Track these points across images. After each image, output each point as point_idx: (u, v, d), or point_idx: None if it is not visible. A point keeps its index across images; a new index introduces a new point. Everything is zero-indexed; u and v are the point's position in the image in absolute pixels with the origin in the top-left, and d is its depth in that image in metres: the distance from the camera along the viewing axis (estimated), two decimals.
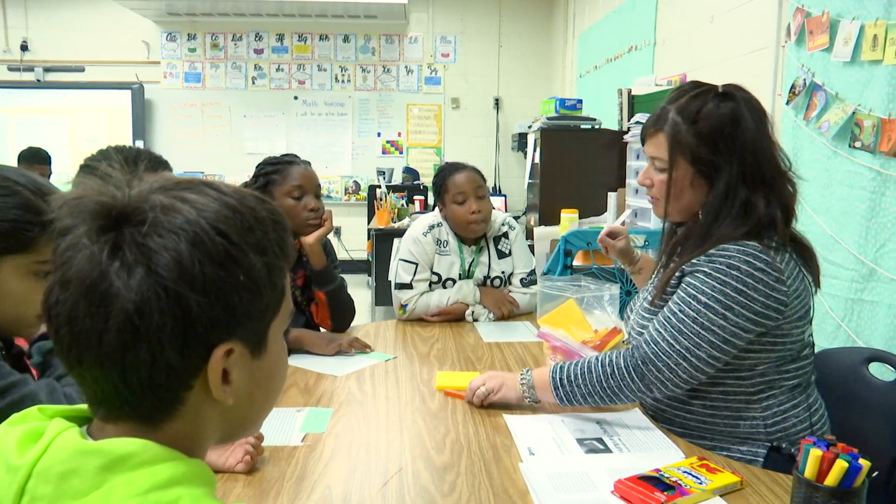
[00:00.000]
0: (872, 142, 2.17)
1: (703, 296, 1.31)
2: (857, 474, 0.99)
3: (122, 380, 0.58)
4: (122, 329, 0.57)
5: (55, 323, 0.59)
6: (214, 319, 0.59)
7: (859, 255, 2.22)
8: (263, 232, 0.64)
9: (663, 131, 1.41)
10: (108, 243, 0.58)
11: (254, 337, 0.64)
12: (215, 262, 0.59)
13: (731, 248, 1.32)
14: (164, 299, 0.57)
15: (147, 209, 0.59)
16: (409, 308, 2.34)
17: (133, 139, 7.00)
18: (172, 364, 0.59)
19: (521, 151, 6.79)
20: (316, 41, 7.28)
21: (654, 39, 4.26)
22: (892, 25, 2.09)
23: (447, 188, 2.35)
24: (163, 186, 0.62)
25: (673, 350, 1.32)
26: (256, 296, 0.63)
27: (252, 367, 0.65)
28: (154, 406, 0.61)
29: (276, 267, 0.65)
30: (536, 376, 1.48)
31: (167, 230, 0.58)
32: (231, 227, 0.61)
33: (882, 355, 1.57)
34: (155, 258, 0.57)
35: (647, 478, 1.15)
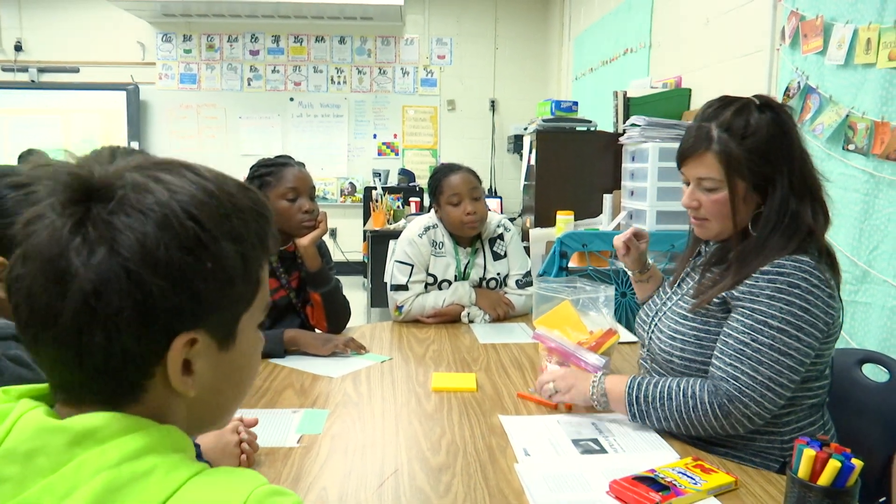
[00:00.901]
0: (866, 144, 2.19)
1: (773, 321, 1.28)
2: (849, 474, 0.99)
3: (78, 363, 0.56)
4: (78, 310, 0.54)
5: (15, 298, 0.57)
6: (178, 307, 0.57)
7: (853, 257, 2.23)
8: (241, 220, 0.61)
9: (711, 150, 1.37)
10: (73, 217, 0.55)
11: (222, 328, 0.62)
12: (183, 247, 0.56)
13: (787, 264, 1.30)
14: (125, 281, 0.54)
15: (118, 186, 0.57)
16: (404, 309, 2.34)
17: (128, 140, 6.99)
18: (129, 350, 0.56)
19: (516, 153, 6.80)
20: (312, 43, 7.28)
21: (649, 42, 4.27)
22: (885, 29, 2.11)
23: (442, 189, 2.35)
24: (140, 165, 0.60)
25: (756, 382, 1.28)
26: (227, 285, 0.60)
27: (219, 360, 0.62)
28: (114, 391, 0.58)
29: (252, 258, 0.62)
30: (610, 386, 1.43)
31: (135, 209, 0.56)
32: (205, 212, 0.58)
33: (875, 356, 1.58)
34: (119, 238, 0.54)
35: (642, 478, 1.15)
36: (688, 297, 1.49)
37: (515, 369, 1.85)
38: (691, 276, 1.54)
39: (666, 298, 1.58)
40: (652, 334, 1.55)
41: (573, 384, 1.48)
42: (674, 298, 1.55)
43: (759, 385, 1.28)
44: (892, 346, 2.05)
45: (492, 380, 1.76)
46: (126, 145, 6.69)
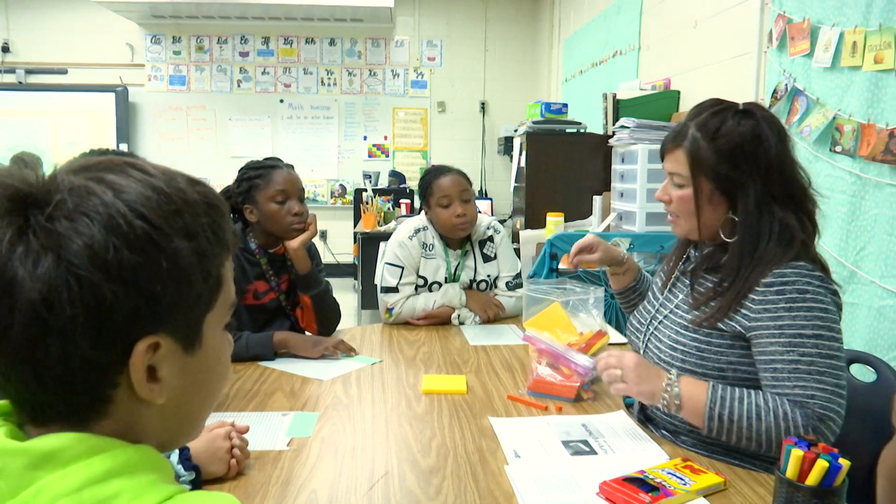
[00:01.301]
0: (852, 146, 2.20)
1: (806, 330, 1.28)
2: (837, 474, 1.00)
3: (36, 378, 0.53)
4: (28, 322, 0.51)
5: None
6: (135, 310, 0.54)
7: (840, 258, 2.25)
8: (193, 216, 0.59)
9: (682, 147, 1.40)
10: (11, 227, 0.52)
11: (185, 330, 0.59)
12: (133, 248, 0.53)
13: (787, 272, 1.31)
14: (76, 289, 0.51)
15: (55, 191, 0.54)
16: (395, 312, 2.34)
17: (116, 142, 6.95)
18: (88, 359, 0.53)
19: (507, 155, 6.81)
20: (302, 44, 7.27)
21: (638, 44, 4.29)
22: (870, 32, 2.12)
23: (432, 191, 2.35)
24: (81, 167, 0.57)
25: (829, 393, 1.26)
26: (184, 285, 0.57)
27: (185, 364, 0.60)
28: (78, 406, 0.56)
29: (208, 253, 0.59)
30: (687, 393, 1.33)
31: (78, 212, 0.53)
32: (154, 209, 0.56)
33: (863, 357, 1.59)
34: (65, 244, 0.52)
35: (632, 479, 1.16)
36: (684, 306, 1.48)
37: (506, 371, 1.85)
38: (682, 280, 1.54)
39: (659, 305, 1.57)
40: (648, 343, 1.53)
41: (644, 380, 1.36)
42: (668, 306, 1.53)
43: (833, 395, 1.27)
44: (879, 346, 2.07)
45: (482, 382, 1.76)
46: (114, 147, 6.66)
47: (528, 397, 1.64)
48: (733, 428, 1.29)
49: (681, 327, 1.45)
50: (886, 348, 2.04)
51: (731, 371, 1.37)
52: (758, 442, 1.29)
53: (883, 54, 2.07)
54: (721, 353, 1.38)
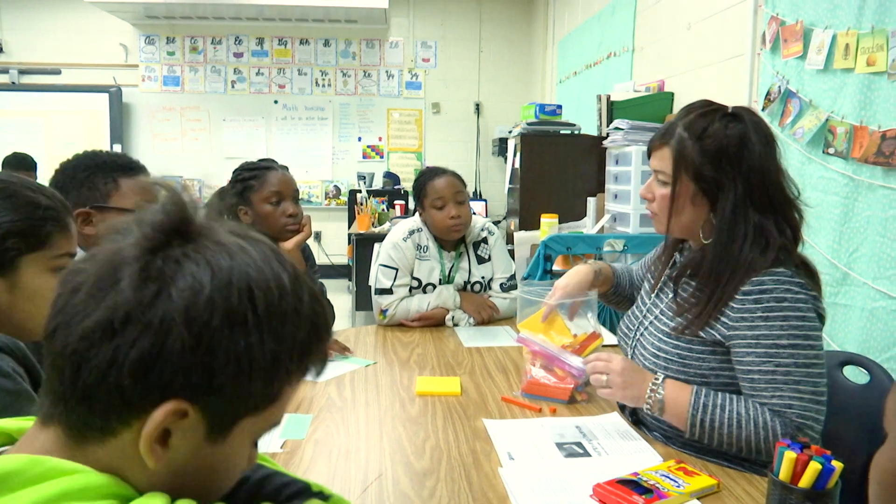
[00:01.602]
0: (845, 148, 2.21)
1: (782, 340, 1.29)
2: (830, 476, 1.00)
3: (72, 374, 0.54)
4: (100, 323, 0.53)
5: (61, 287, 0.57)
6: (188, 368, 0.54)
7: (833, 260, 2.25)
8: (295, 327, 0.59)
9: (668, 145, 1.41)
10: (150, 242, 0.56)
11: (217, 417, 0.57)
12: (225, 317, 0.55)
13: (766, 280, 1.31)
14: (156, 319, 0.53)
15: (205, 238, 0.58)
16: (389, 313, 2.33)
17: (110, 143, 6.93)
18: (122, 387, 0.54)
19: (501, 156, 6.82)
20: (296, 45, 7.26)
21: (632, 46, 4.30)
22: (863, 35, 2.13)
23: (427, 193, 2.35)
24: (235, 230, 0.60)
25: (806, 402, 1.28)
26: (243, 377, 0.56)
27: (199, 448, 0.58)
28: (85, 421, 0.56)
29: (283, 366, 0.59)
30: (671, 400, 1.36)
31: (206, 262, 0.56)
32: (265, 299, 0.57)
33: (856, 358, 1.60)
34: (178, 281, 0.54)
35: (626, 481, 1.16)
36: (669, 312, 1.48)
37: (500, 373, 1.85)
38: (668, 285, 1.54)
39: (646, 311, 1.57)
40: (635, 349, 1.54)
41: (630, 384, 1.39)
42: (654, 311, 1.54)
43: (810, 402, 1.28)
44: (871, 347, 2.08)
45: (476, 383, 1.76)
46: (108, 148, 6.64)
47: (522, 399, 1.64)
48: (714, 434, 1.32)
49: (663, 334, 1.46)
50: (879, 350, 2.05)
51: (713, 377, 1.38)
52: (738, 447, 1.31)
53: (875, 56, 2.08)
54: (703, 359, 1.39)
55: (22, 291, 1.04)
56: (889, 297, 2.04)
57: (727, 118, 1.38)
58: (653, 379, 1.39)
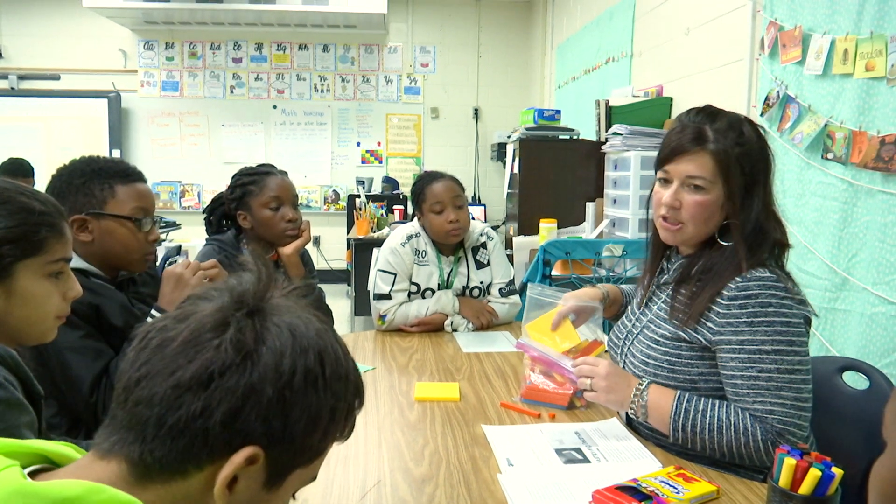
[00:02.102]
0: (844, 153, 2.21)
1: (766, 346, 1.29)
2: (830, 483, 1.00)
3: (158, 420, 0.60)
4: (198, 373, 0.60)
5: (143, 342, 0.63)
6: (269, 419, 0.62)
7: (832, 265, 2.25)
8: (346, 387, 0.69)
9: (707, 149, 1.36)
10: (246, 308, 0.64)
11: (279, 465, 0.65)
12: (304, 376, 0.64)
13: (751, 285, 1.31)
14: (246, 378, 0.60)
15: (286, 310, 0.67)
16: (388, 318, 2.33)
17: (109, 148, 6.93)
18: (210, 432, 0.60)
19: (500, 161, 6.82)
20: (295, 50, 7.27)
21: (631, 51, 4.30)
22: (862, 40, 2.13)
23: (425, 197, 2.35)
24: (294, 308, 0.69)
25: (788, 408, 1.28)
26: (310, 428, 0.65)
27: (257, 494, 0.65)
28: (161, 463, 0.60)
29: (336, 421, 0.68)
30: (654, 402, 1.38)
31: (290, 331, 0.65)
32: (329, 363, 0.66)
33: (855, 364, 1.59)
34: (268, 341, 0.63)
35: (625, 488, 1.15)
36: (657, 320, 1.48)
37: (499, 378, 1.85)
38: (657, 294, 1.54)
39: (635, 320, 1.57)
40: (625, 358, 1.54)
41: (614, 388, 1.41)
42: (643, 320, 1.54)
43: (793, 409, 1.28)
44: (871, 353, 2.07)
45: (475, 389, 1.76)
46: (107, 153, 6.64)
47: (521, 405, 1.63)
48: (696, 439, 1.34)
49: (652, 342, 1.46)
50: (879, 355, 2.04)
51: (702, 382, 1.39)
52: (720, 452, 1.33)
53: (874, 62, 2.09)
54: (692, 364, 1.39)
55: (17, 297, 1.03)
56: (888, 303, 2.03)
57: (748, 123, 1.40)
58: (637, 384, 1.41)
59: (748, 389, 1.31)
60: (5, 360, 1.07)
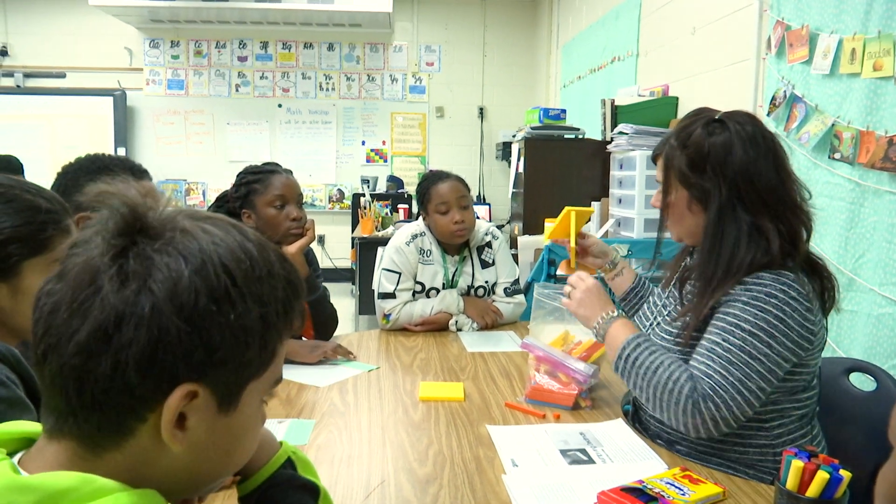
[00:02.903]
0: (851, 153, 2.20)
1: (745, 324, 1.29)
2: (838, 485, 0.99)
3: (77, 388, 0.56)
4: (93, 333, 0.55)
5: (38, 312, 0.58)
6: (189, 352, 0.57)
7: (839, 265, 2.24)
8: (272, 287, 0.63)
9: (662, 156, 1.46)
10: (116, 247, 0.57)
11: (224, 389, 0.61)
12: (210, 296, 0.57)
13: (766, 275, 1.31)
14: (147, 315, 0.55)
15: (169, 228, 0.59)
16: (392, 317, 2.33)
17: (114, 146, 6.94)
18: (131, 386, 0.56)
19: (505, 160, 6.81)
20: (300, 49, 7.27)
21: (637, 50, 4.29)
22: (869, 39, 2.12)
23: (430, 197, 2.34)
24: (191, 215, 0.62)
25: (727, 383, 1.27)
26: (241, 345, 0.60)
27: (215, 422, 0.61)
28: (100, 428, 0.57)
29: (272, 325, 0.63)
30: (613, 334, 1.45)
31: (177, 252, 0.58)
32: (240, 269, 0.60)
33: (862, 365, 1.59)
34: (154, 274, 0.56)
35: (630, 489, 1.14)
36: (669, 321, 1.49)
37: (503, 378, 1.84)
38: (674, 292, 1.54)
39: (657, 311, 1.59)
40: None
41: (586, 304, 1.53)
42: (663, 313, 1.55)
43: (731, 386, 1.27)
44: (878, 354, 2.06)
45: (479, 389, 1.75)
46: (112, 151, 6.65)
47: (525, 405, 1.63)
48: (632, 372, 1.38)
49: (668, 335, 1.47)
50: (886, 356, 2.03)
51: None
52: (646, 395, 1.36)
53: (882, 61, 2.07)
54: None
55: (25, 296, 1.03)
56: (895, 304, 2.02)
57: (711, 124, 1.40)
58: (609, 311, 1.49)
59: (705, 351, 1.32)
60: (7, 358, 1.07)
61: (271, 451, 0.82)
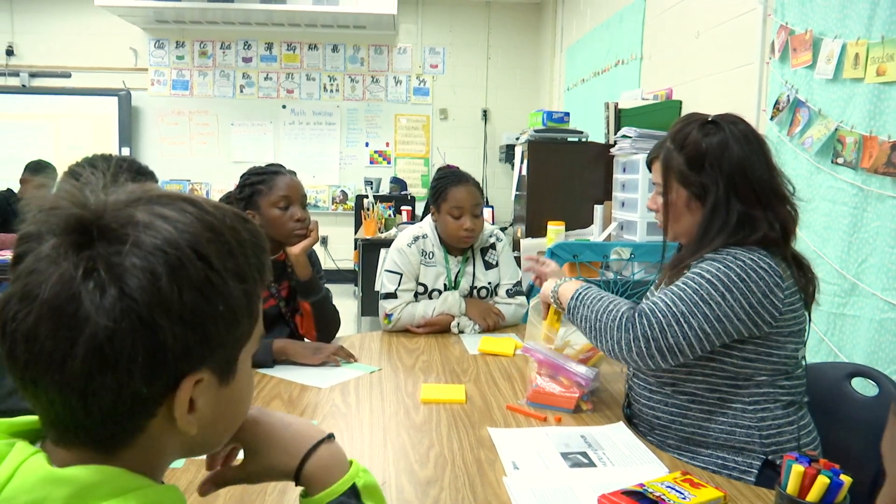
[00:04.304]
0: (854, 158, 2.20)
1: (706, 274, 1.37)
2: (838, 490, 0.99)
3: (83, 406, 0.55)
4: (89, 355, 0.53)
5: (9, 339, 0.55)
6: (188, 348, 0.56)
7: (842, 270, 2.24)
8: (244, 256, 0.62)
9: (659, 159, 1.53)
10: (83, 261, 0.54)
11: (224, 365, 0.62)
12: (195, 289, 0.56)
13: (738, 249, 1.39)
14: (139, 327, 0.53)
15: (126, 225, 0.56)
16: (394, 318, 2.33)
17: (119, 146, 6.96)
18: (138, 393, 0.55)
19: (508, 163, 6.82)
20: (305, 50, 7.29)
21: (640, 54, 4.29)
22: (873, 45, 2.12)
23: (446, 198, 2.34)
24: (140, 199, 0.58)
25: (669, 311, 1.36)
26: (233, 325, 0.60)
27: (218, 395, 0.63)
28: (112, 434, 0.58)
29: (254, 293, 0.63)
30: (567, 286, 1.61)
31: (146, 251, 0.55)
32: (213, 250, 0.58)
33: (864, 370, 1.59)
34: (131, 281, 0.53)
35: (631, 492, 1.15)
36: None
37: (505, 381, 1.85)
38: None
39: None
40: None
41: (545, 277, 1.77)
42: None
43: (670, 314, 1.35)
44: (880, 359, 2.06)
45: (481, 391, 1.75)
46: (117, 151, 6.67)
47: (527, 408, 1.63)
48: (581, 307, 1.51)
49: None
50: (888, 361, 2.03)
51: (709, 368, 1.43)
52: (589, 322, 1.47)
53: (885, 66, 2.07)
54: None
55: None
56: None
57: (705, 126, 1.47)
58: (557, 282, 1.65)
59: (658, 293, 1.42)
60: None
61: (338, 472, 0.79)
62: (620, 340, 1.39)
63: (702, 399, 1.44)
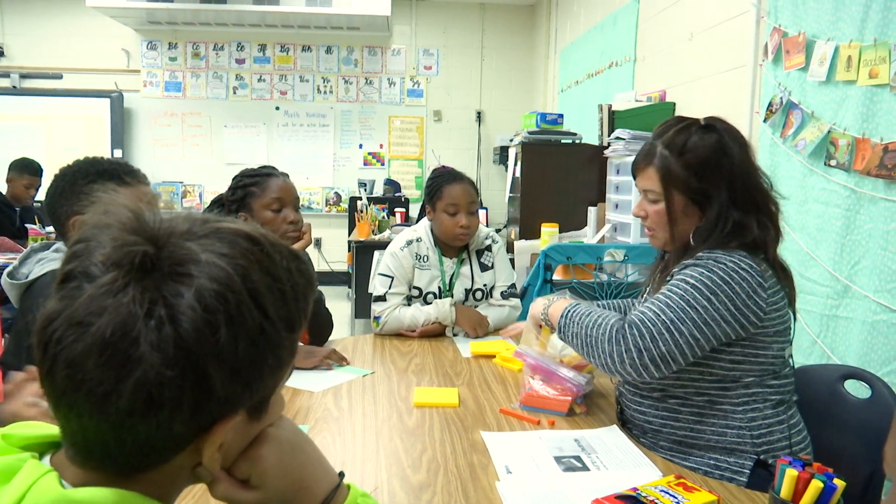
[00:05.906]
0: (847, 160, 2.20)
1: (691, 279, 1.37)
2: (832, 494, 0.99)
3: (116, 438, 0.54)
4: (135, 396, 0.51)
5: (50, 360, 0.53)
6: (231, 395, 0.56)
7: (834, 272, 2.24)
8: (296, 302, 0.61)
9: (653, 165, 1.48)
10: (146, 301, 0.52)
11: (259, 405, 0.62)
12: (249, 340, 0.55)
13: (720, 252, 1.40)
14: (190, 375, 0.52)
15: (188, 263, 0.54)
16: (381, 320, 2.32)
17: (111, 148, 6.93)
18: (175, 434, 0.55)
19: (502, 164, 6.82)
20: (298, 52, 7.27)
21: (634, 56, 4.30)
22: (865, 47, 2.13)
23: (441, 196, 2.34)
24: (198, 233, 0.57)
25: (658, 320, 1.35)
26: (277, 372, 0.61)
27: (247, 429, 0.63)
28: (137, 464, 0.57)
29: (298, 336, 0.63)
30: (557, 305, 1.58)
31: (207, 296, 0.53)
32: (270, 298, 0.57)
33: (857, 372, 1.59)
34: (189, 326, 0.52)
35: (625, 497, 1.14)
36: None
37: (498, 384, 1.84)
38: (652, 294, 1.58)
39: None
40: None
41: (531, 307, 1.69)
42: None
43: (660, 323, 1.35)
44: (873, 361, 2.06)
45: (474, 395, 1.75)
46: (109, 153, 6.64)
47: (520, 411, 1.62)
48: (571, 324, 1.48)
49: None
50: (881, 363, 2.03)
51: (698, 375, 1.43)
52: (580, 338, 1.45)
53: (878, 69, 2.08)
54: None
55: None
56: (890, 311, 2.02)
57: (702, 130, 1.46)
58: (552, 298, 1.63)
59: (645, 302, 1.42)
60: None
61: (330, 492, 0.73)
62: (612, 353, 1.38)
63: (691, 402, 1.44)
